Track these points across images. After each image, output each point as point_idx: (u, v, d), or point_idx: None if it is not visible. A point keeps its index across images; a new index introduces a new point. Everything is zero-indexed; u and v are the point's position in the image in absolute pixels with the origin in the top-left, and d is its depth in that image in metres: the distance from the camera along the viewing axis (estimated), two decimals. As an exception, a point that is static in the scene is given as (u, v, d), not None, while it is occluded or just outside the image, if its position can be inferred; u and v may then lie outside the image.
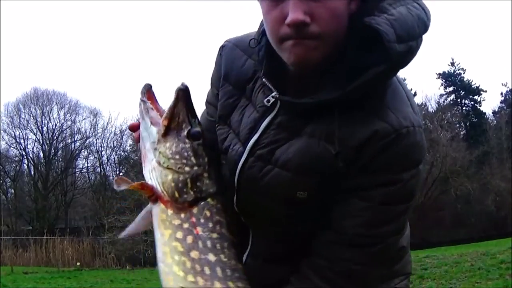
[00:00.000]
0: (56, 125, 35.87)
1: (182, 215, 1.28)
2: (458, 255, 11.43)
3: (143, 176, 1.35)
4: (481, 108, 42.77)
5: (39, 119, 35.27)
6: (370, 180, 1.28)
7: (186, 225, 1.27)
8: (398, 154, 1.27)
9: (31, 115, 35.39)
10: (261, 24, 1.37)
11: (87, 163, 37.88)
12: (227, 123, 1.47)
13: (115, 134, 36.86)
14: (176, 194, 1.28)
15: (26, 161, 35.79)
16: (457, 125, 39.65)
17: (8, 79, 54.43)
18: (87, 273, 19.19)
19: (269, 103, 1.36)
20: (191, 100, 1.36)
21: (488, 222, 30.98)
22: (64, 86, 72.28)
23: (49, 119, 35.70)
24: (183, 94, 1.34)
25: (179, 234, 1.27)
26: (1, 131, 34.48)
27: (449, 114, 38.42)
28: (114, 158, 37.62)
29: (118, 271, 21.77)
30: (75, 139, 37.02)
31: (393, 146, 1.26)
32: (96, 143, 37.08)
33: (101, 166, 37.29)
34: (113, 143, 37.11)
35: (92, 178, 37.91)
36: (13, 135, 35.28)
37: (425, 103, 40.49)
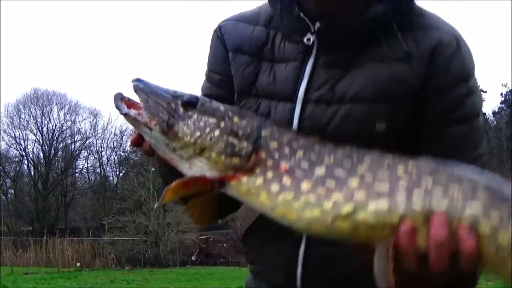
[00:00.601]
0: (56, 125, 35.94)
1: (258, 170, 1.09)
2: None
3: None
4: (481, 109, 42.79)
5: (39, 120, 35.34)
6: (454, 96, 1.25)
7: (270, 174, 1.09)
8: (465, 59, 1.29)
9: (31, 115, 35.48)
10: None
11: (87, 163, 37.96)
12: (253, 94, 1.35)
13: (115, 134, 36.93)
14: (235, 160, 1.10)
15: (26, 162, 35.88)
16: (457, 126, 39.63)
17: (8, 80, 54.52)
18: (87, 274, 19.21)
19: (311, 42, 1.29)
20: (153, 84, 1.19)
21: (488, 222, 30.97)
22: (64, 86, 72.39)
23: (49, 119, 35.75)
24: (143, 85, 1.17)
25: (275, 187, 1.08)
26: (1, 132, 34.54)
27: (449, 115, 38.43)
28: (114, 158, 37.66)
29: (118, 271, 21.79)
30: (75, 140, 37.10)
31: (459, 52, 1.28)
32: (96, 144, 37.15)
33: (101, 167, 37.31)
34: (113, 144, 37.17)
35: (92, 179, 37.98)
36: (13, 135, 35.36)
37: (425, 103, 40.50)
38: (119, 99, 1.18)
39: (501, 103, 42.49)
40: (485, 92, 43.32)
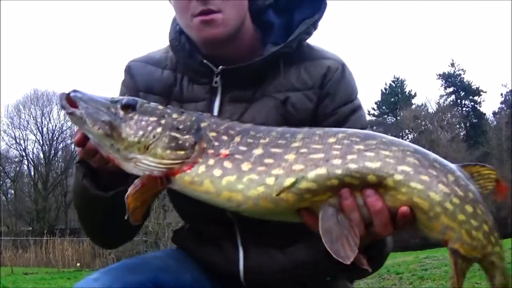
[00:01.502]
0: (56, 125, 35.85)
1: (200, 160, 1.16)
2: (458, 256, 11.37)
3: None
4: (481, 109, 42.89)
5: (39, 120, 35.31)
6: (340, 115, 1.46)
7: (211, 161, 1.15)
8: (349, 84, 1.51)
9: (31, 116, 35.43)
10: (172, 30, 1.52)
11: (87, 163, 37.87)
12: None
13: (115, 134, 36.83)
14: (181, 153, 1.16)
15: (26, 162, 35.83)
16: (457, 126, 39.67)
17: (8, 80, 54.50)
18: (87, 274, 19.13)
19: (217, 84, 1.45)
20: (90, 93, 1.24)
21: (488, 223, 30.95)
22: (64, 87, 72.32)
23: (49, 120, 35.63)
24: (81, 94, 1.21)
25: (217, 172, 1.14)
26: (1, 132, 34.49)
27: (449, 115, 38.46)
28: (114, 158, 37.62)
29: (118, 272, 21.71)
30: (75, 140, 37.00)
31: (344, 78, 1.50)
32: (96, 144, 37.06)
33: (101, 167, 37.28)
34: (113, 144, 37.09)
35: (92, 179, 37.89)
36: (13, 136, 35.31)
37: (425, 104, 40.51)
38: (64, 98, 1.21)
39: (501, 103, 42.48)
40: (485, 92, 43.42)
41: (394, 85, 45.73)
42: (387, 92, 45.12)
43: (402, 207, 1.08)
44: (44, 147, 35.56)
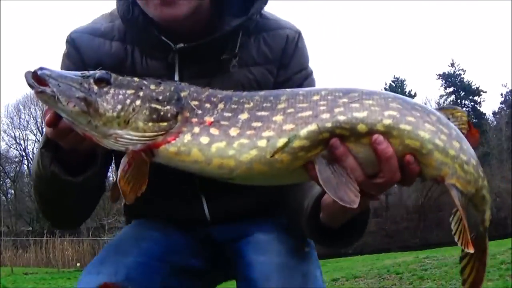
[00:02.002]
0: (56, 125, 35.88)
1: (185, 129, 1.11)
2: (458, 256, 11.42)
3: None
4: (481, 109, 43.04)
5: (39, 120, 35.28)
6: (294, 82, 1.50)
7: (197, 129, 1.11)
8: (303, 54, 1.55)
9: (31, 115, 35.46)
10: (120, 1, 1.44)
11: (87, 163, 37.87)
12: None
13: (115, 134, 36.83)
14: (163, 124, 1.11)
15: (26, 162, 35.81)
16: (457, 126, 39.65)
17: (8, 80, 54.53)
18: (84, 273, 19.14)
19: (174, 60, 1.42)
20: (58, 70, 1.17)
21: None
22: (64, 86, 72.21)
23: (49, 120, 35.70)
24: (49, 71, 1.13)
25: (205, 140, 1.10)
26: (1, 132, 34.51)
27: (449, 115, 38.39)
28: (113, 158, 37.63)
29: (118, 271, 21.69)
30: (75, 140, 37.01)
31: (299, 44, 1.53)
32: (96, 144, 37.07)
33: (101, 167, 37.26)
34: (113, 144, 37.09)
35: (92, 179, 37.89)
36: (13, 135, 35.35)
37: (425, 104, 40.48)
38: (31, 76, 1.13)
39: (501, 103, 42.59)
40: (485, 92, 43.46)
41: (394, 85, 45.76)
42: (387, 92, 45.08)
43: (407, 156, 1.10)
44: (44, 147, 35.58)
